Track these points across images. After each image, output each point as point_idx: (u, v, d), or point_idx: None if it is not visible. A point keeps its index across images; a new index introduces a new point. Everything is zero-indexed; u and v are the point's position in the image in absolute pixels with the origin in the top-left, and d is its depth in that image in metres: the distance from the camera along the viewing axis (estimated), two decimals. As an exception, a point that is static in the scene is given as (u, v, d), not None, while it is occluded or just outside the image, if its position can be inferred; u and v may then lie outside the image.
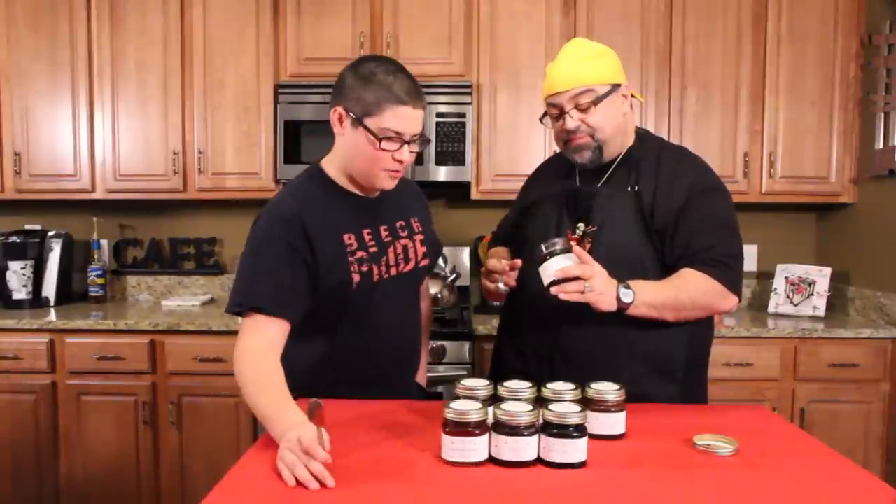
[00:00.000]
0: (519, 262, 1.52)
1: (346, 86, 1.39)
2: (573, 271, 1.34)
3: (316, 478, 1.04)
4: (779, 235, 3.23)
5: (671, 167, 1.55)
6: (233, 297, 1.41)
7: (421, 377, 1.72)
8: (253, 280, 1.39)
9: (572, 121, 1.52)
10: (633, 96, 1.60)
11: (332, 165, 1.49)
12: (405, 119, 1.36)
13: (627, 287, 1.40)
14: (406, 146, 1.39)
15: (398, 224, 1.53)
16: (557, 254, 1.36)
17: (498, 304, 2.97)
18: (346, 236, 1.43)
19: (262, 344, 1.35)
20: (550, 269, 1.36)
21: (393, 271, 1.49)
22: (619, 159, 1.59)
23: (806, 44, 2.86)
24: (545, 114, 1.59)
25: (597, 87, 1.51)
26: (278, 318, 1.37)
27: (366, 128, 1.36)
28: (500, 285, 1.55)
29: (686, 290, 1.46)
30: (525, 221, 1.68)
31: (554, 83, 1.53)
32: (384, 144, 1.36)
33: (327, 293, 1.42)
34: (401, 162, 1.40)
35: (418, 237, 1.56)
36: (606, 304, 1.38)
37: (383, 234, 1.49)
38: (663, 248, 1.51)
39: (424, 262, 1.57)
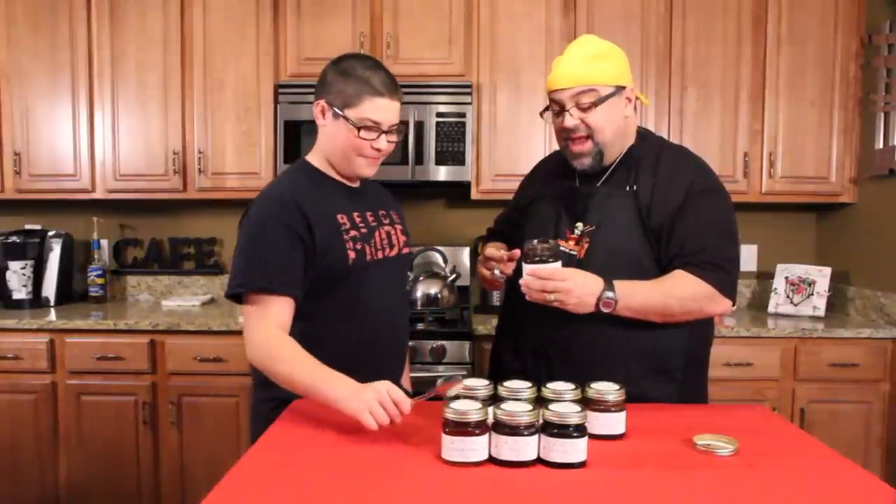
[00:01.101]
0: (518, 252, 1.53)
1: (328, 81, 1.48)
2: (534, 286, 1.40)
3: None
4: (779, 235, 3.23)
5: (670, 167, 1.54)
6: (232, 280, 1.43)
7: (405, 381, 1.72)
8: (253, 262, 1.42)
9: (572, 119, 1.52)
10: (637, 98, 1.58)
11: (315, 158, 1.57)
12: (382, 110, 1.45)
13: (612, 296, 1.41)
14: (384, 135, 1.47)
15: (380, 212, 1.61)
16: (531, 261, 1.41)
17: (496, 292, 2.99)
18: (339, 216, 1.49)
19: (273, 324, 1.39)
20: (524, 273, 1.43)
21: (380, 254, 1.54)
22: (619, 159, 1.58)
23: (806, 44, 2.86)
24: (546, 108, 1.59)
25: (600, 87, 1.50)
26: (283, 296, 1.40)
27: (346, 118, 1.45)
28: (497, 272, 1.57)
29: (674, 295, 1.46)
30: (524, 220, 1.68)
31: (557, 79, 1.52)
32: (363, 133, 1.44)
33: (323, 274, 1.45)
34: (378, 150, 1.48)
35: (398, 226, 1.64)
36: (580, 311, 1.42)
37: (369, 218, 1.56)
38: (659, 247, 1.51)
39: (406, 250, 1.65)
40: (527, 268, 1.42)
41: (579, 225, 1.56)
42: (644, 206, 1.51)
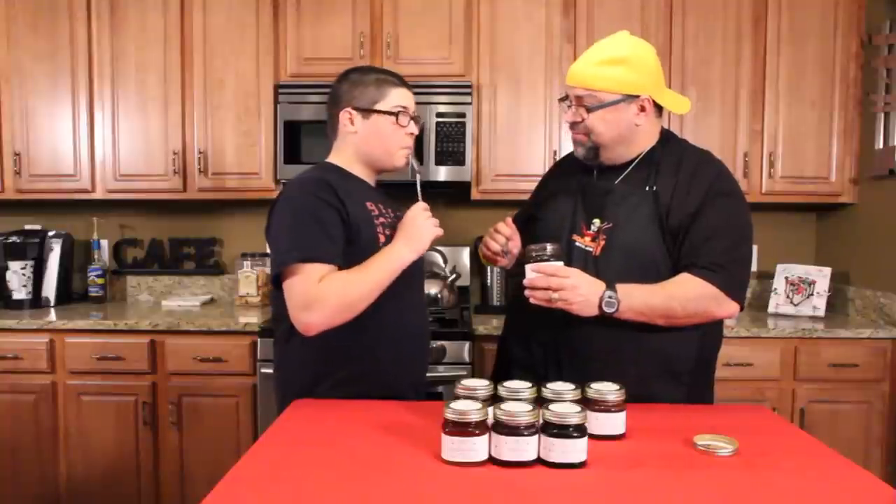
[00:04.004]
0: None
1: (344, 91, 1.57)
2: (539, 283, 1.42)
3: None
4: (779, 235, 3.23)
5: (691, 170, 1.54)
6: (279, 256, 1.44)
7: None
8: (298, 236, 1.44)
9: (573, 114, 1.55)
10: (654, 104, 1.55)
11: (338, 161, 1.62)
12: (406, 97, 1.58)
13: (613, 295, 1.42)
14: (412, 121, 1.59)
15: (397, 213, 1.64)
16: (534, 260, 1.44)
17: (496, 292, 3.00)
18: (368, 203, 1.55)
19: (318, 278, 1.41)
20: (527, 274, 1.45)
21: None
22: (638, 158, 1.58)
23: (806, 43, 2.86)
24: (566, 95, 1.60)
25: (602, 94, 1.51)
26: (327, 265, 1.43)
27: (379, 112, 1.55)
28: (499, 241, 1.59)
29: (677, 297, 1.46)
30: (541, 214, 1.68)
31: (569, 73, 1.56)
32: (401, 119, 1.55)
33: (356, 254, 1.46)
34: (411, 135, 1.59)
35: None
36: (584, 312, 1.43)
37: (390, 212, 1.61)
38: (674, 249, 1.51)
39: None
40: (530, 267, 1.44)
41: (596, 221, 1.56)
42: (663, 207, 1.51)
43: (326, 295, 1.39)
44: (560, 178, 1.72)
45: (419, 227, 1.49)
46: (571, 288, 1.41)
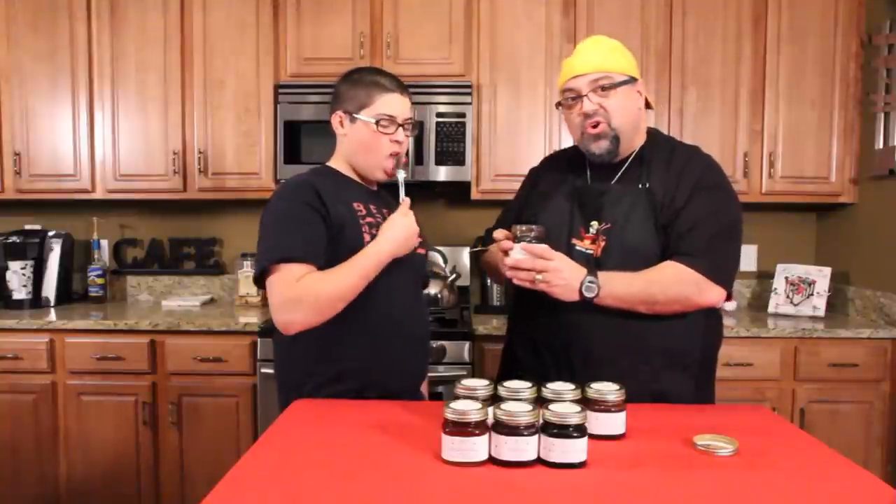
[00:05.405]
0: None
1: (340, 92, 1.60)
2: (524, 265, 1.44)
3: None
4: (779, 235, 3.23)
5: (680, 166, 1.56)
6: (261, 256, 1.48)
7: (424, 387, 1.73)
8: (279, 237, 1.47)
9: (590, 104, 1.53)
10: (646, 99, 1.62)
11: (336, 163, 1.65)
12: (395, 104, 1.56)
13: (594, 280, 1.44)
14: (400, 129, 1.57)
15: (393, 213, 1.62)
16: (519, 240, 1.47)
17: (496, 292, 3.00)
18: (355, 204, 1.56)
19: (297, 278, 1.44)
20: (511, 255, 1.47)
21: None
22: (631, 158, 1.60)
23: (806, 43, 2.86)
24: (559, 103, 1.60)
25: (615, 74, 1.53)
26: (307, 264, 1.45)
27: (363, 119, 1.55)
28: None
29: (657, 282, 1.47)
30: (536, 217, 1.66)
31: (573, 67, 1.56)
32: (381, 128, 1.55)
33: (340, 255, 1.48)
34: (398, 143, 1.57)
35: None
36: (565, 296, 1.45)
37: (385, 213, 1.60)
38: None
39: (421, 251, 1.67)
40: (517, 246, 1.46)
41: (594, 223, 1.56)
42: (658, 204, 1.52)
43: (303, 294, 1.42)
44: (551, 180, 1.70)
45: (394, 223, 1.51)
46: (555, 270, 1.43)
